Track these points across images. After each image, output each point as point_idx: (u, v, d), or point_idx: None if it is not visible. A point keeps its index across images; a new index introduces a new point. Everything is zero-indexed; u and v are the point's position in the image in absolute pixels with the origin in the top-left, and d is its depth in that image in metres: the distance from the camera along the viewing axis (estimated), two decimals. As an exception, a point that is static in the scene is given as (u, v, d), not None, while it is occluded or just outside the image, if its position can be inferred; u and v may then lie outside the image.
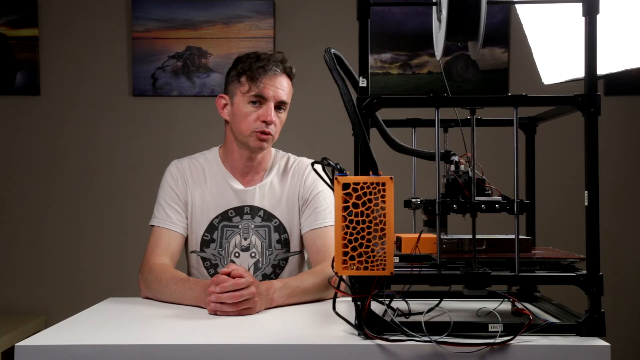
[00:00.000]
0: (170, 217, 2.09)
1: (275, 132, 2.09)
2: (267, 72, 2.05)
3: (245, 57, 2.10)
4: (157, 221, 2.10)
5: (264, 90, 2.04)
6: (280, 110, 2.08)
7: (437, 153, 1.43)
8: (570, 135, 2.80)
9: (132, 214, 3.53)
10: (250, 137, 2.06)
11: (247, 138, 2.07)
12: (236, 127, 2.09)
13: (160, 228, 2.08)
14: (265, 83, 2.05)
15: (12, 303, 3.54)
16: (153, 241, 2.08)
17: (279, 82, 2.06)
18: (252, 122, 2.05)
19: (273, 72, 2.06)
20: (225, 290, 1.68)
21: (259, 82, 2.04)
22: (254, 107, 2.06)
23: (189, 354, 1.37)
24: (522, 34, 1.89)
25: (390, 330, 1.37)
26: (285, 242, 2.12)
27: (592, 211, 1.39)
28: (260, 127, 2.05)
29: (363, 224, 1.35)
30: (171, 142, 3.54)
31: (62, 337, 1.47)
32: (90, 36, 3.55)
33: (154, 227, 2.10)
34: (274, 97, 2.05)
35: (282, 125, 2.11)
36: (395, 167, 1.71)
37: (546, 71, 1.84)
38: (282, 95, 2.07)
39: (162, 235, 2.08)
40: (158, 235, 2.08)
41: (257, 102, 2.06)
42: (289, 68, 2.10)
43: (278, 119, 2.08)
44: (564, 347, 1.34)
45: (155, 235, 2.08)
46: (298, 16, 3.54)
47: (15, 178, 3.56)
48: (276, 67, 2.06)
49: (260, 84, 2.04)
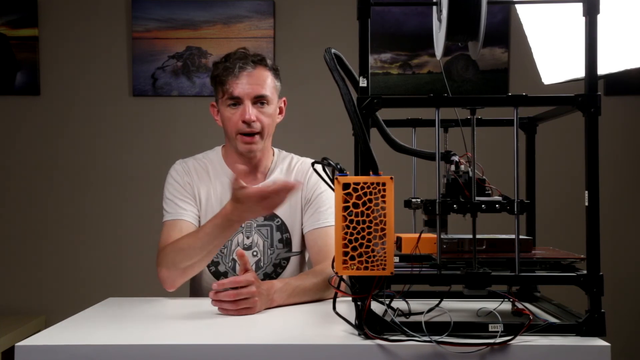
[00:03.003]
0: (183, 208, 2.06)
1: (264, 128, 2.05)
2: (232, 72, 2.03)
3: (217, 62, 2.09)
4: (169, 215, 2.06)
5: (234, 91, 2.03)
6: (262, 105, 2.05)
7: (437, 153, 1.43)
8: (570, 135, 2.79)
9: (132, 214, 3.53)
10: (237, 141, 2.06)
11: (235, 142, 2.06)
12: (226, 132, 2.10)
13: (172, 221, 2.05)
14: (233, 84, 2.03)
15: (12, 303, 3.54)
16: (166, 233, 2.03)
17: (249, 78, 2.03)
18: (235, 125, 2.04)
19: (239, 70, 2.03)
20: (223, 288, 1.67)
21: (227, 84, 2.03)
22: (233, 109, 2.05)
23: (189, 354, 1.37)
24: (522, 34, 1.89)
25: (390, 330, 1.37)
26: (287, 242, 2.12)
27: (592, 211, 1.39)
28: (242, 129, 2.04)
29: (363, 224, 1.35)
30: (171, 142, 3.54)
31: (62, 337, 1.47)
32: (90, 36, 3.55)
33: (165, 222, 2.07)
34: (248, 94, 2.03)
35: (271, 118, 2.07)
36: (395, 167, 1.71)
37: (546, 71, 1.84)
38: (257, 89, 2.03)
39: (174, 226, 2.04)
40: (170, 227, 2.04)
41: (234, 104, 2.04)
42: (259, 59, 2.06)
43: (262, 114, 2.04)
44: (564, 347, 1.34)
45: (168, 228, 2.04)
46: (298, 16, 3.54)
47: (15, 178, 3.56)
48: (243, 64, 2.04)
49: (229, 86, 2.03)
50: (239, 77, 2.03)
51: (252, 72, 2.04)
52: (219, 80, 2.05)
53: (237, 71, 2.03)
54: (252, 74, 2.04)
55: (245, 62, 2.04)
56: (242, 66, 2.03)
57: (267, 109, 2.06)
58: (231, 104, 2.05)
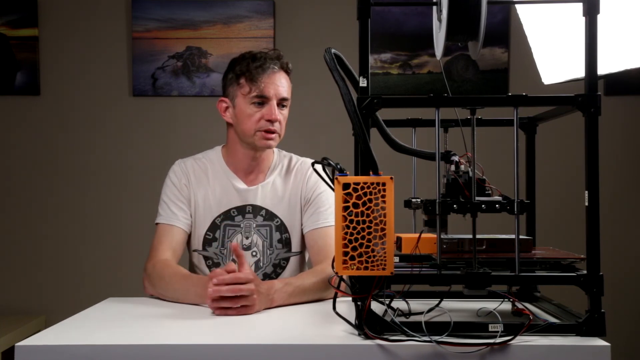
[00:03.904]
0: (175, 213, 2.09)
1: (281, 130, 2.09)
2: (265, 70, 2.05)
3: (241, 58, 2.10)
4: (161, 218, 2.10)
5: (264, 89, 2.04)
6: (282, 107, 2.08)
7: (437, 153, 1.43)
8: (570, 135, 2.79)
9: (132, 214, 3.53)
10: (255, 137, 2.06)
11: (253, 138, 2.07)
12: (240, 129, 2.09)
13: (164, 225, 2.08)
14: (265, 82, 2.04)
15: (12, 303, 3.54)
16: (157, 238, 2.08)
17: (278, 79, 2.06)
18: (256, 122, 2.05)
19: (271, 70, 2.05)
20: (223, 283, 1.67)
21: (259, 82, 2.04)
22: (257, 107, 2.06)
23: (189, 354, 1.37)
24: (522, 34, 1.89)
25: (390, 330, 1.37)
26: (286, 242, 2.12)
27: (592, 211, 1.39)
28: (265, 126, 2.05)
29: (363, 224, 1.35)
30: (171, 142, 3.54)
31: (62, 337, 1.47)
32: (90, 36, 3.55)
33: (158, 224, 2.10)
34: (276, 95, 2.05)
35: (285, 121, 2.11)
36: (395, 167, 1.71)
37: (546, 71, 1.84)
38: (283, 92, 2.07)
39: (165, 231, 2.08)
40: (162, 232, 2.08)
41: (259, 102, 2.06)
42: (286, 64, 2.10)
43: (282, 115, 2.08)
44: (564, 347, 1.34)
45: (160, 232, 2.08)
46: (298, 16, 3.54)
47: (15, 178, 3.56)
48: (273, 65, 2.06)
49: (260, 84, 2.04)
50: (271, 77, 2.05)
51: (279, 74, 2.08)
52: (249, 76, 2.05)
53: (270, 71, 2.05)
54: (280, 76, 2.07)
55: (276, 63, 2.07)
56: (274, 67, 2.06)
57: (285, 112, 2.11)
58: (257, 102, 2.06)
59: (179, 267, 1.96)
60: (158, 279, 1.93)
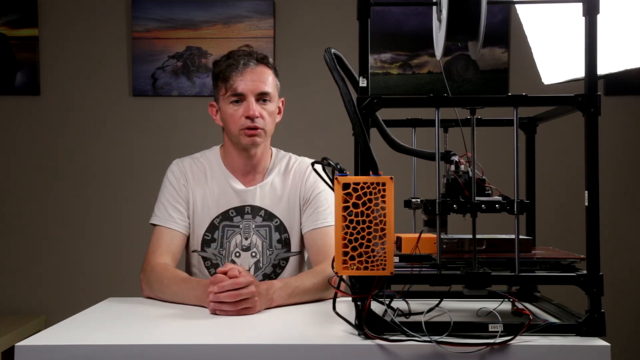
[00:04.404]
0: (172, 216, 2.08)
1: (266, 125, 2.06)
2: (237, 68, 2.03)
3: (219, 59, 2.10)
4: (158, 220, 2.09)
5: (237, 87, 2.03)
6: (265, 102, 2.06)
7: (437, 153, 1.43)
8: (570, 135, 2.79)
9: (132, 214, 3.53)
10: (240, 136, 2.05)
11: (238, 137, 2.06)
12: (227, 130, 2.09)
13: (162, 227, 2.08)
14: (238, 80, 2.03)
15: (12, 303, 3.54)
16: (155, 240, 2.07)
17: (253, 74, 2.04)
18: (238, 121, 2.04)
19: (243, 67, 2.04)
20: (223, 290, 1.67)
21: (231, 80, 2.03)
22: (236, 106, 2.05)
23: (189, 354, 1.37)
24: (522, 34, 1.89)
25: (390, 330, 1.37)
26: (285, 242, 2.12)
27: (592, 211, 1.39)
28: (246, 124, 2.04)
29: (363, 224, 1.35)
30: (171, 142, 3.54)
31: (62, 337, 1.47)
32: (90, 36, 3.55)
33: (155, 226, 2.09)
34: (252, 90, 2.04)
35: (272, 116, 2.09)
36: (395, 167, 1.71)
37: (546, 71, 1.84)
38: (260, 86, 2.04)
39: (163, 234, 2.07)
40: (160, 235, 2.07)
41: (237, 100, 2.05)
42: (262, 57, 2.08)
43: (265, 111, 2.05)
44: (564, 347, 1.34)
45: (157, 235, 2.08)
46: (298, 16, 3.54)
47: (15, 178, 3.56)
48: (247, 61, 2.04)
49: (233, 82, 2.03)
50: (243, 74, 2.04)
51: (255, 69, 2.05)
52: (222, 76, 2.05)
53: (241, 67, 2.04)
54: (255, 71, 2.05)
55: (249, 59, 2.05)
56: (246, 63, 2.04)
57: (269, 107, 2.07)
58: (234, 101, 2.05)
59: (177, 271, 1.96)
60: (157, 282, 1.93)
